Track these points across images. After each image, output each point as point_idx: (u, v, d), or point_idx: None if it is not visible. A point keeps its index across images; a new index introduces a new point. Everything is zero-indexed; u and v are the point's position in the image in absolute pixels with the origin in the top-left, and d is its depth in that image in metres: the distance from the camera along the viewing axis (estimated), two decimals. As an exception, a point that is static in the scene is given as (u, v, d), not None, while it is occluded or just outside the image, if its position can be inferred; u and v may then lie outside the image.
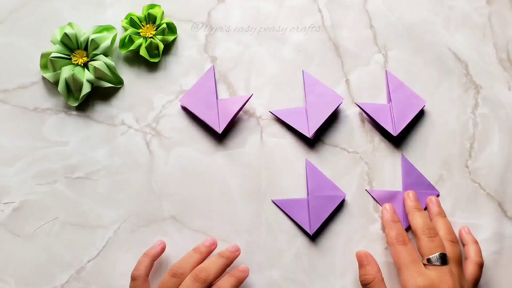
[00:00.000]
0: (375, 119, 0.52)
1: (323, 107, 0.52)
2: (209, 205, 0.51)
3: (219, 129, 0.50)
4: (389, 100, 0.54)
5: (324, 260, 0.51)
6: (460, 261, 0.47)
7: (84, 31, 0.51)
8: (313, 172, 0.52)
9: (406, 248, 0.46)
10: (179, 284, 0.45)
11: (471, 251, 0.49)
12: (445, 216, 0.51)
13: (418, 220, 0.48)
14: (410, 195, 0.51)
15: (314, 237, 0.51)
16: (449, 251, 0.46)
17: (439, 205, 0.51)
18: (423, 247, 0.46)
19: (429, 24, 0.57)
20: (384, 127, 0.52)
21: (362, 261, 0.48)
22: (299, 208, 0.51)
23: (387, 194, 0.52)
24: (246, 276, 0.47)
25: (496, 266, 0.51)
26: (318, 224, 0.50)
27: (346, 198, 0.52)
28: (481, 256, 0.49)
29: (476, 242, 0.50)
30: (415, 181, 0.52)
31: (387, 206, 0.51)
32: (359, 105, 0.53)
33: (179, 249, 0.50)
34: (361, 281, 0.47)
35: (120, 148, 0.52)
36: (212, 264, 0.46)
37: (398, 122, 0.52)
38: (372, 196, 0.52)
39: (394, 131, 0.52)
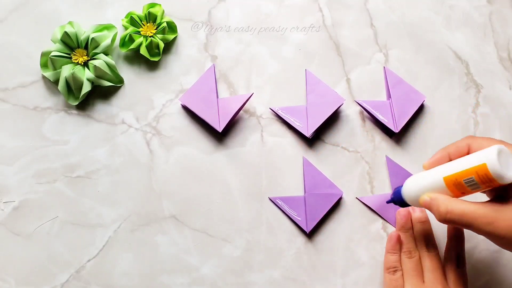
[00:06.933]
0: (376, 116, 0.52)
1: (324, 107, 0.52)
2: (210, 204, 0.51)
3: (220, 128, 0.50)
4: (389, 96, 0.54)
5: (325, 260, 0.51)
6: (438, 267, 0.47)
7: (84, 30, 0.51)
8: (310, 170, 0.51)
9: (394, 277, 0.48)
10: None
11: (450, 255, 0.48)
12: (424, 221, 0.50)
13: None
14: (401, 213, 0.50)
15: (314, 236, 0.51)
16: (427, 263, 0.47)
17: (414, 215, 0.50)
18: (403, 267, 0.48)
19: (429, 23, 0.57)
20: (385, 124, 0.52)
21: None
22: (296, 206, 0.51)
23: (379, 198, 0.52)
24: None
25: (497, 265, 0.51)
26: (315, 222, 0.50)
27: (347, 198, 0.52)
28: (458, 259, 0.48)
29: (450, 239, 0.49)
30: (403, 180, 0.52)
31: (392, 234, 0.49)
32: (359, 103, 0.53)
33: (179, 249, 0.50)
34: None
35: (120, 147, 0.52)
36: None
37: (399, 118, 0.52)
38: (364, 203, 0.52)
39: (395, 127, 0.52)
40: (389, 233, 0.51)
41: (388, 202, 0.48)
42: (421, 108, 0.54)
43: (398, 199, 0.46)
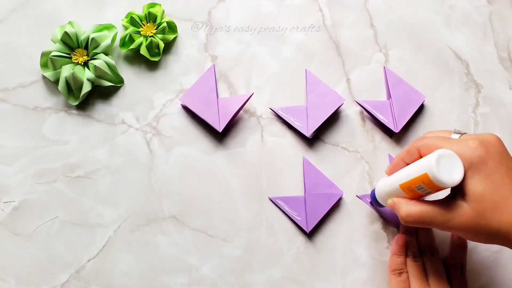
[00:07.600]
0: (376, 116, 0.52)
1: (324, 107, 0.52)
2: (210, 205, 0.51)
3: (220, 128, 0.50)
4: (389, 96, 0.54)
5: (325, 260, 0.51)
6: (442, 271, 0.47)
7: (84, 30, 0.51)
8: (310, 170, 0.51)
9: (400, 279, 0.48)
10: None
11: (454, 263, 0.49)
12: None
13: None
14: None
15: (314, 236, 0.51)
16: (431, 267, 0.47)
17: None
18: (409, 270, 0.48)
19: (430, 23, 0.57)
20: (385, 124, 0.52)
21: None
22: (296, 206, 0.51)
23: None
24: None
25: (496, 266, 0.51)
26: (315, 222, 0.50)
27: (347, 198, 0.52)
28: (461, 267, 0.49)
29: (454, 248, 0.50)
30: None
31: (399, 237, 0.49)
32: (359, 103, 0.53)
33: (179, 249, 0.50)
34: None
35: (120, 147, 0.52)
36: None
37: (399, 118, 0.52)
38: (365, 202, 0.52)
39: (395, 127, 0.52)
40: (389, 233, 0.51)
41: (370, 202, 0.51)
42: (421, 108, 0.54)
43: (375, 201, 0.48)
